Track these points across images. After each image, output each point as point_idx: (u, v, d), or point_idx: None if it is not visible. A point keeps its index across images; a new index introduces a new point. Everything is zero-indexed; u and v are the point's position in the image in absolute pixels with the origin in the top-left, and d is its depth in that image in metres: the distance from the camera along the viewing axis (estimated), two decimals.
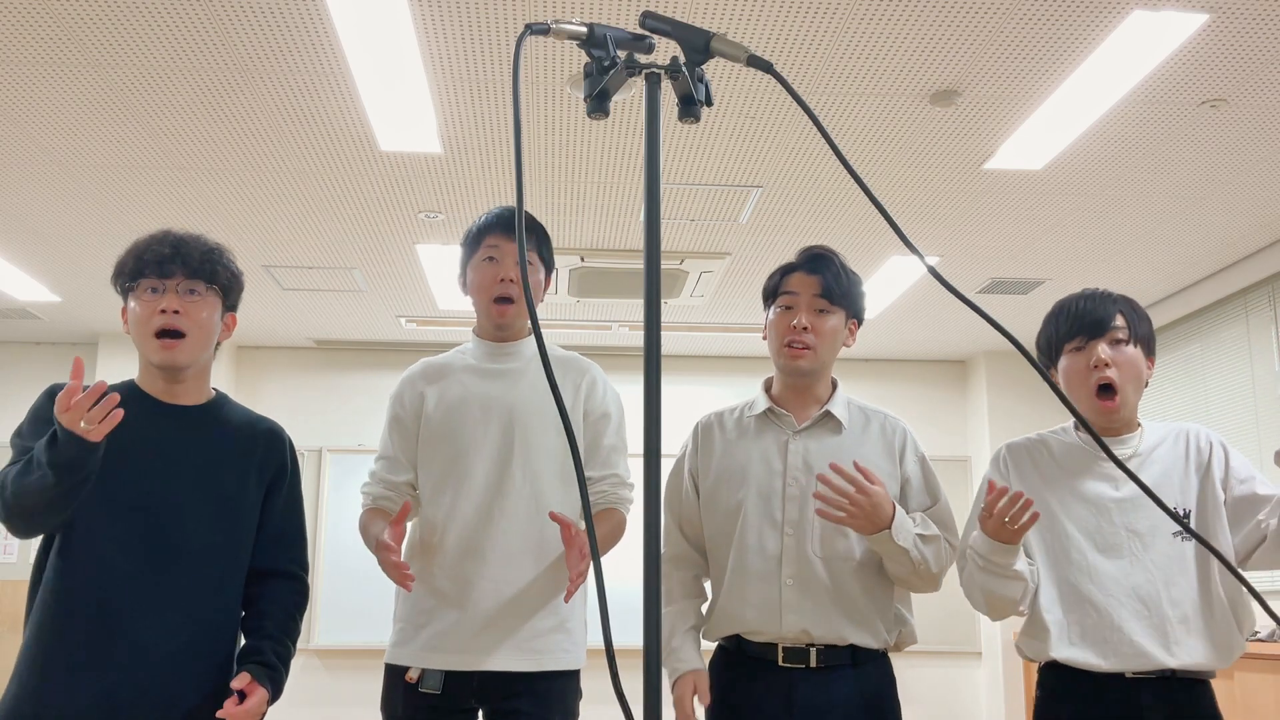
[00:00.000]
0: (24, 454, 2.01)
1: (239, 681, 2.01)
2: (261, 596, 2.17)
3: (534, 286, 2.43)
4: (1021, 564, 2.20)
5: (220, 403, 2.22)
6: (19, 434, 2.08)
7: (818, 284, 2.36)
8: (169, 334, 2.09)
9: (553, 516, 2.22)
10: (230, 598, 2.13)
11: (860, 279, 2.45)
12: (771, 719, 2.26)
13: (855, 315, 2.42)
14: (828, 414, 2.39)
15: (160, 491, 2.06)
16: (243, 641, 2.16)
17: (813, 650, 2.27)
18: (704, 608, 2.46)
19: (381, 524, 2.34)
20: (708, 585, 2.48)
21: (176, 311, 2.08)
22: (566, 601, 2.30)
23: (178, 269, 2.10)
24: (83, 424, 1.82)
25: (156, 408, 2.12)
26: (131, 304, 2.12)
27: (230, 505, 2.13)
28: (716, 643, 2.42)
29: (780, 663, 2.27)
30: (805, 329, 2.33)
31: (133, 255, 2.13)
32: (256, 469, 2.18)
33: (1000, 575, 2.19)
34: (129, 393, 2.14)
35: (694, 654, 2.35)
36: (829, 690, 2.26)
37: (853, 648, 2.28)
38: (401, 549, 2.37)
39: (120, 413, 1.84)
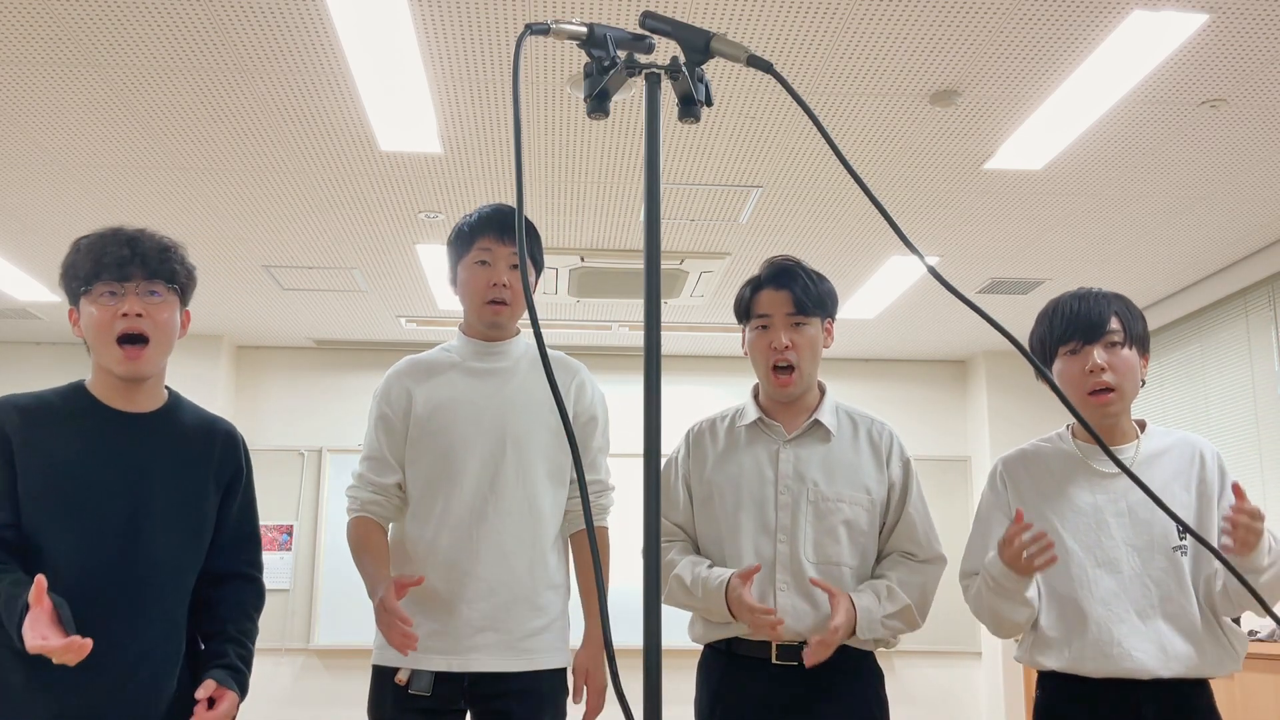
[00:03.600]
0: None
1: (205, 690, 1.97)
2: (221, 600, 2.13)
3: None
4: (1032, 590, 2.21)
5: (174, 405, 2.14)
6: None
7: (789, 300, 2.40)
8: (132, 339, 2.00)
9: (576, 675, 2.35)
10: (187, 597, 2.09)
11: (827, 280, 2.46)
12: (766, 717, 2.28)
13: (829, 316, 2.46)
14: (817, 423, 2.42)
15: (124, 501, 2.00)
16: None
17: (805, 647, 2.28)
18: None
19: (379, 544, 2.35)
20: None
21: (139, 315, 2.00)
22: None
23: (137, 270, 2.01)
24: (36, 641, 1.75)
25: (113, 418, 2.05)
26: (87, 308, 2.02)
27: (191, 509, 2.09)
28: (704, 645, 2.43)
29: (774, 660, 2.29)
30: (787, 346, 2.37)
31: (87, 256, 2.02)
32: (214, 472, 2.13)
33: (1010, 599, 2.21)
34: (81, 399, 2.06)
35: (722, 571, 2.31)
36: (821, 686, 2.28)
37: (843, 648, 2.30)
38: (388, 560, 2.36)
39: (73, 658, 1.78)
